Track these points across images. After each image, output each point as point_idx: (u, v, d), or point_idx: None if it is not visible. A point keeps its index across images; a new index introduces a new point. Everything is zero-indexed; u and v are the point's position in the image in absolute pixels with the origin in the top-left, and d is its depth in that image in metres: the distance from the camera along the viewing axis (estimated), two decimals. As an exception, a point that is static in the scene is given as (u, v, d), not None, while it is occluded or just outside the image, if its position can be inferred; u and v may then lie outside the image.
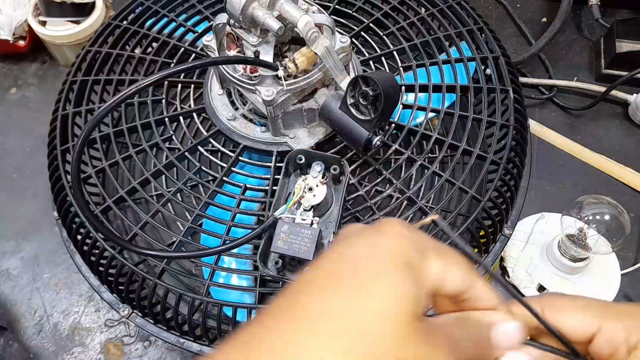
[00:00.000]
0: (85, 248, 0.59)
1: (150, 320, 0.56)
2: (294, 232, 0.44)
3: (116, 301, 0.58)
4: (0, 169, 0.79)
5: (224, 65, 0.54)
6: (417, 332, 0.22)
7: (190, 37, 0.69)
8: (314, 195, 0.47)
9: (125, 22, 0.70)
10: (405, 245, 0.24)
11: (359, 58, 0.64)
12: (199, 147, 0.61)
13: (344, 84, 0.53)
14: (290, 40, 0.54)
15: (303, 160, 0.49)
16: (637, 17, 0.88)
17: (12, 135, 0.83)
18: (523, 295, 0.28)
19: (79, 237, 0.59)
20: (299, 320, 0.21)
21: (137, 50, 0.68)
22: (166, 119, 0.62)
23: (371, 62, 0.65)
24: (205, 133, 0.61)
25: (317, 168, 0.48)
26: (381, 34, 0.67)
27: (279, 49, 0.54)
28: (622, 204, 0.62)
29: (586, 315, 0.26)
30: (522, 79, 0.82)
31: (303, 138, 0.57)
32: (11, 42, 0.86)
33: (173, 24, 0.70)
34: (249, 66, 0.53)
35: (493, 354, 0.25)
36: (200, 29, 0.70)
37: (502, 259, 0.67)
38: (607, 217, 0.62)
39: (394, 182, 0.55)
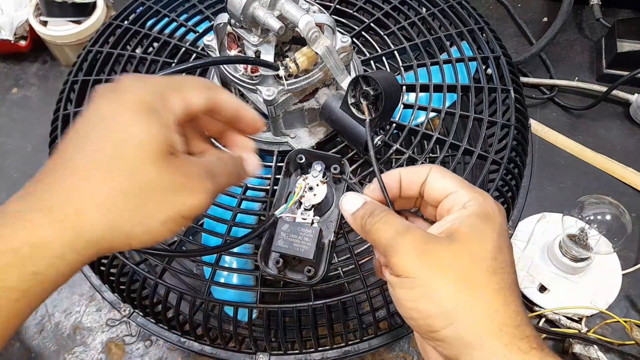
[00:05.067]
0: (87, 248, 0.59)
1: (152, 320, 0.56)
2: (295, 231, 0.44)
3: (117, 301, 0.58)
4: (2, 169, 0.79)
5: (224, 65, 0.54)
6: (170, 164, 0.28)
7: (191, 37, 0.69)
8: (315, 195, 0.47)
9: (126, 22, 0.70)
10: (143, 94, 0.28)
11: (359, 58, 0.64)
12: (200, 147, 0.61)
13: (344, 83, 0.53)
14: (291, 40, 0.54)
15: (304, 159, 0.49)
16: (638, 17, 0.88)
17: (14, 135, 0.83)
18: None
19: (80, 236, 0.59)
20: (69, 174, 0.27)
21: (138, 50, 0.68)
22: (167, 119, 0.62)
23: (372, 62, 0.65)
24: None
25: (317, 167, 0.48)
26: (382, 33, 0.67)
27: (279, 48, 0.54)
28: (623, 204, 0.62)
29: (454, 182, 0.35)
30: (523, 79, 0.82)
31: (304, 138, 0.57)
32: (12, 42, 0.86)
33: (174, 24, 0.70)
34: (249, 66, 0.53)
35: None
36: (201, 28, 0.70)
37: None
38: (608, 217, 0.62)
39: (395, 181, 0.55)
